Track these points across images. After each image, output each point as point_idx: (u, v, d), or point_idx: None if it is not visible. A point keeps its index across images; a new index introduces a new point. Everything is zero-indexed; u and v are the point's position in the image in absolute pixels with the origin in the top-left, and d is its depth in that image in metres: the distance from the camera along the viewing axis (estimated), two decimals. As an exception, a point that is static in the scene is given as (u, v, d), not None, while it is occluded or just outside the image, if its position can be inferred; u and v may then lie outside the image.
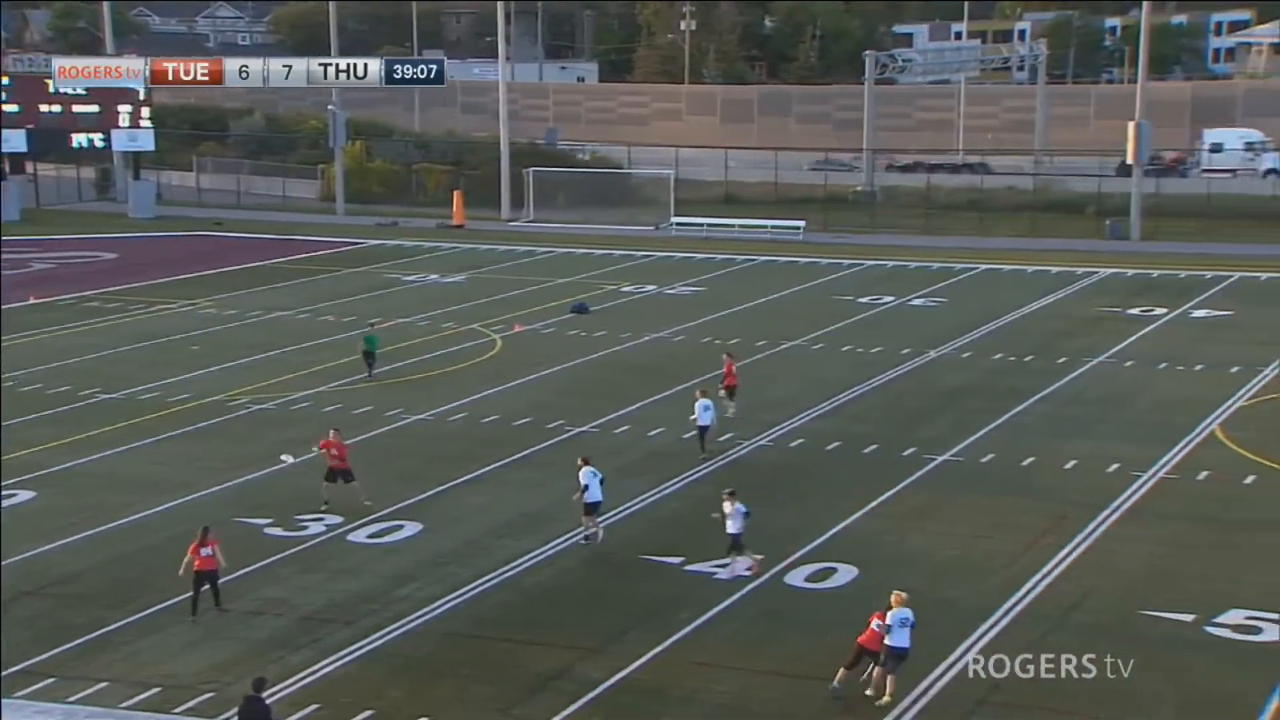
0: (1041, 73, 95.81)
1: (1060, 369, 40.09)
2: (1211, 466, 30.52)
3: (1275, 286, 52.63)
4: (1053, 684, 20.58)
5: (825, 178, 76.13)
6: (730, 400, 35.00)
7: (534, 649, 22.19)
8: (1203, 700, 19.84)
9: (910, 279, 56.40)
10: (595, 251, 65.56)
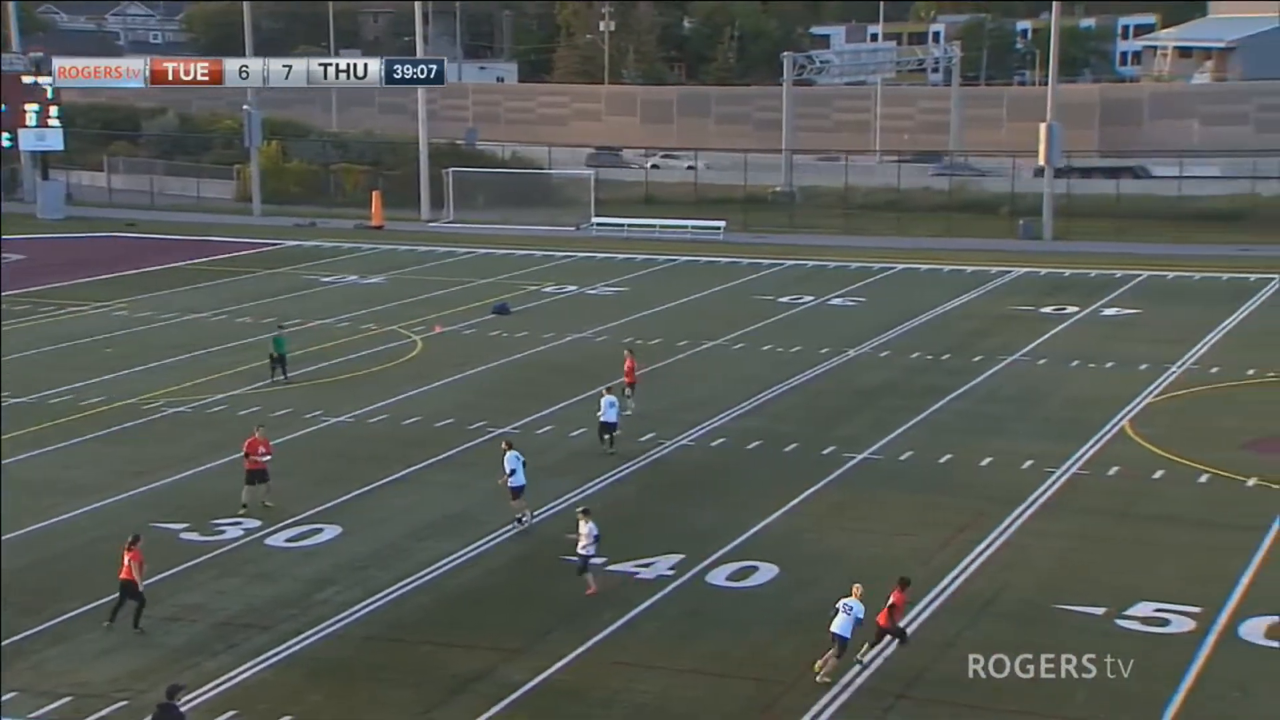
0: (956, 75, 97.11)
1: (976, 367, 40.67)
2: (1121, 462, 31.14)
3: (1182, 285, 53.82)
4: (973, 679, 20.89)
5: (745, 178, 76.55)
6: (629, 397, 35.53)
7: (455, 651, 22.09)
8: (1114, 691, 20.23)
9: (829, 279, 56.92)
10: (516, 252, 65.38)
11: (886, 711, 19.99)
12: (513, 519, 27.54)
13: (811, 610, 23.47)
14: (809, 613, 23.38)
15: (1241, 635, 22.03)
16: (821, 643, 22.08)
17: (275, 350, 40.16)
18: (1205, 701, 19.91)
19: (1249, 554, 25.34)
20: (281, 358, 40.01)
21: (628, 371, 35.97)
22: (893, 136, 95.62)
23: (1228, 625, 22.32)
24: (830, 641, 20.66)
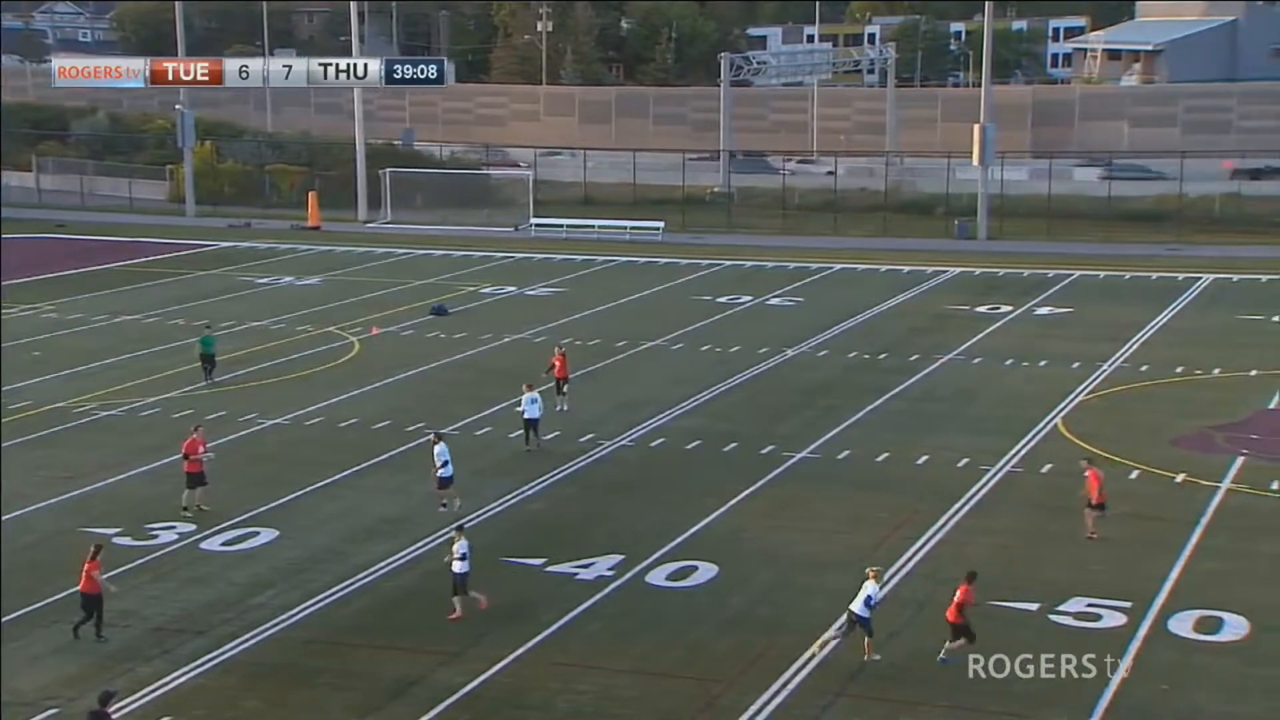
0: (891, 76, 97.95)
1: (912, 366, 41.03)
2: (1054, 460, 31.54)
3: (1112, 285, 54.60)
4: (907, 675, 21.09)
5: (683, 179, 76.68)
6: (563, 395, 35.90)
7: (393, 654, 21.97)
8: (1047, 686, 20.48)
9: (768, 279, 57.18)
10: (454, 253, 65.11)
11: (825, 709, 20.12)
12: (439, 505, 28.15)
13: (750, 609, 23.62)
14: (748, 611, 23.52)
15: (1171, 629, 22.38)
16: (758, 639, 22.23)
17: (203, 350, 39.76)
18: (1136, 695, 20.20)
19: (1178, 549, 25.76)
20: (209, 357, 39.62)
21: (557, 369, 36.09)
22: (830, 137, 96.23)
23: (1157, 619, 22.67)
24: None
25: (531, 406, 32.60)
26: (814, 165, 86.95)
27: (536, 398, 32.86)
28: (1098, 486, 26.29)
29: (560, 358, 36.55)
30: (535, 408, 32.64)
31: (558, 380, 36.15)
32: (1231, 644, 21.83)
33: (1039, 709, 19.92)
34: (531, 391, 32.89)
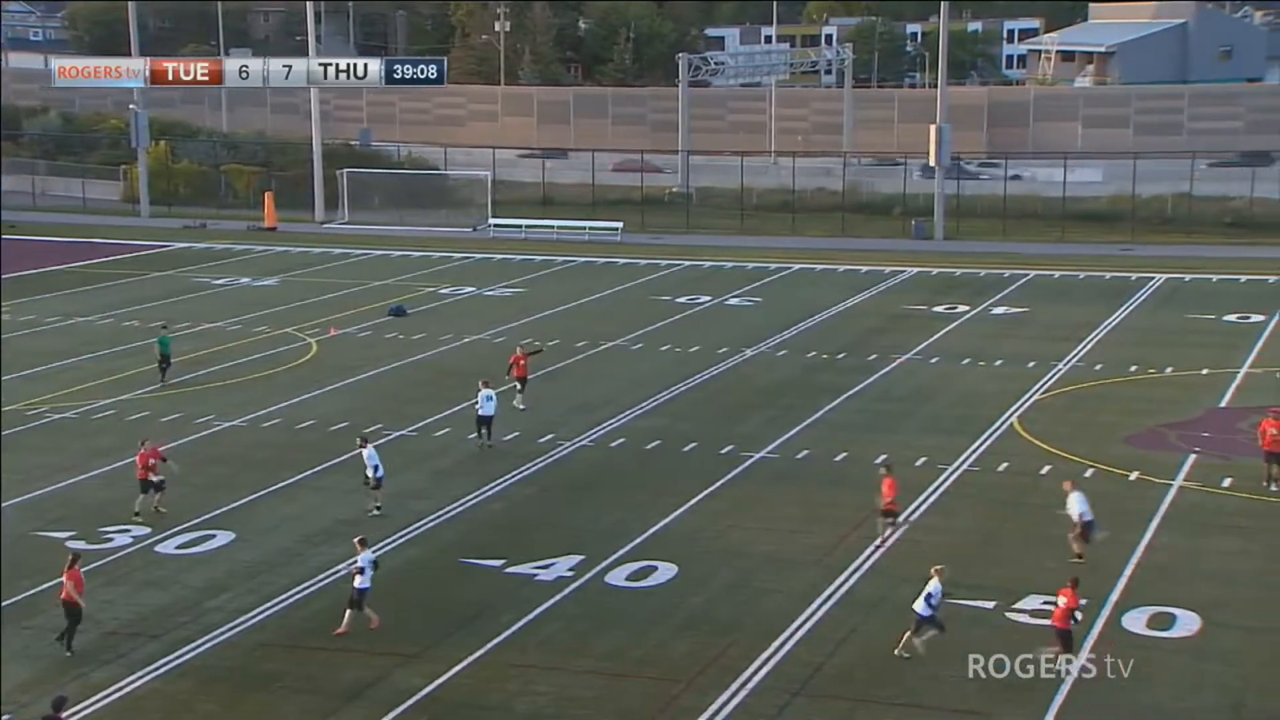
0: (848, 77, 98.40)
1: (870, 366, 41.23)
2: (1010, 458, 31.79)
3: (1067, 284, 55.07)
4: (864, 673, 21.18)
5: (642, 179, 76.70)
6: (519, 393, 36.06)
7: (350, 657, 21.85)
8: (1003, 684, 20.63)
9: (726, 279, 57.30)
10: (413, 253, 64.86)
11: (783, 709, 20.19)
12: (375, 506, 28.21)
13: (709, 609, 23.67)
14: (707, 611, 23.57)
15: (1125, 626, 22.60)
16: (717, 639, 22.29)
17: (161, 350, 39.45)
18: (1091, 692, 20.38)
19: (1132, 547, 26.00)
20: (166, 358, 39.32)
21: (518, 367, 36.22)
22: (787, 138, 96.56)
23: (1112, 616, 22.87)
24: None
25: (487, 404, 32.67)
26: (992, 169, 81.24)
27: (492, 395, 32.95)
28: (892, 496, 25.95)
29: (522, 356, 36.65)
30: (490, 405, 32.71)
31: (518, 379, 36.15)
32: (1184, 640, 22.07)
33: (996, 705, 20.07)
34: (487, 389, 32.95)
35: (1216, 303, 49.81)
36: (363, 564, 22.52)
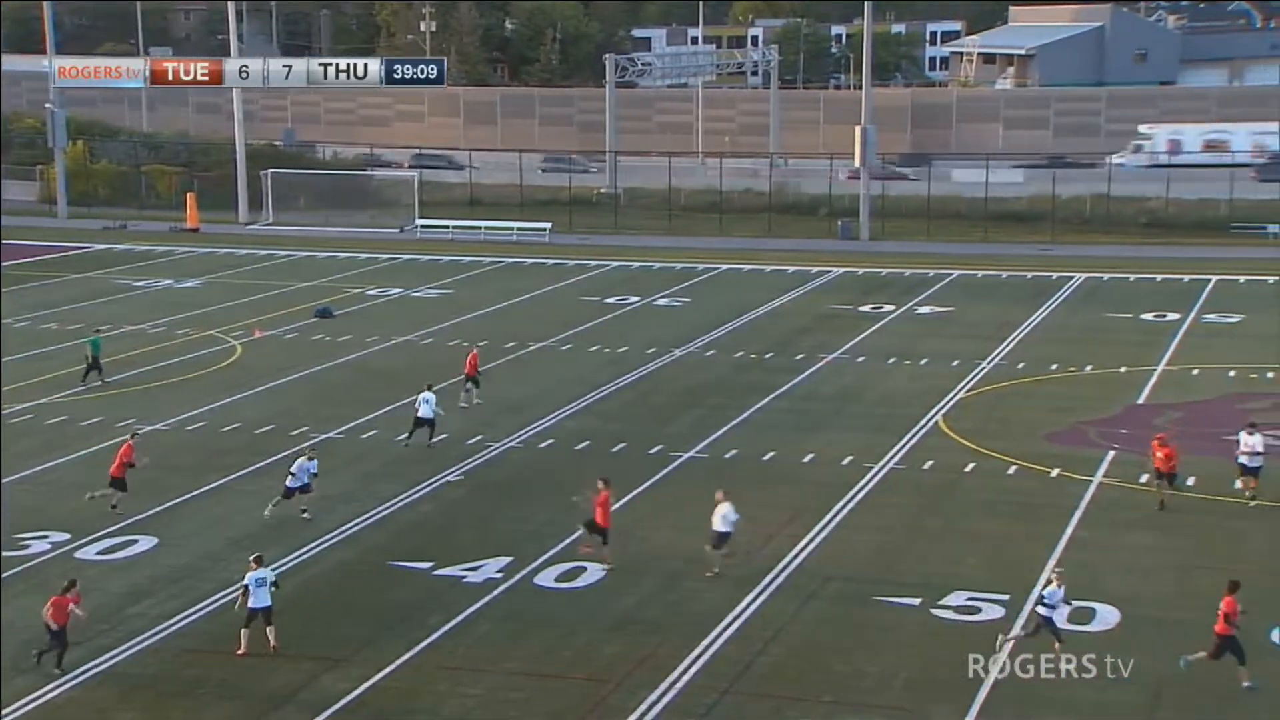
0: (774, 78, 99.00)
1: (798, 365, 41.54)
2: (935, 456, 32.18)
3: (990, 284, 55.83)
4: (792, 671, 21.35)
5: (569, 179, 76.67)
6: (470, 391, 36.35)
7: (278, 662, 21.65)
8: (929, 679, 20.91)
9: (655, 279, 57.43)
10: (339, 254, 64.32)
11: (712, 707, 20.30)
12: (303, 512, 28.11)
13: (639, 609, 23.73)
14: (636, 612, 23.63)
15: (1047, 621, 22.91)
16: (646, 639, 22.34)
17: (91, 352, 38.89)
18: (1014, 686, 20.68)
19: (1054, 542, 26.44)
20: (96, 360, 38.75)
21: (469, 365, 36.56)
22: (715, 139, 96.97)
23: (1034, 611, 23.18)
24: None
25: (424, 406, 32.72)
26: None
27: (431, 399, 32.93)
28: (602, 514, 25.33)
29: (473, 355, 37.18)
30: (427, 408, 32.71)
31: (466, 376, 36.48)
32: (1104, 633, 22.47)
33: (922, 702, 20.32)
34: (429, 392, 33.04)
35: (1134, 302, 50.74)
36: (248, 583, 21.76)
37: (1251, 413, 32.11)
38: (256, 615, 21.79)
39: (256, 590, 21.74)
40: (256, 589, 21.75)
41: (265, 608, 21.81)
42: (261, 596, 21.80)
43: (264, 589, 21.82)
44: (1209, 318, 47.57)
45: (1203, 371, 39.84)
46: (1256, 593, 23.71)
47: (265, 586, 21.84)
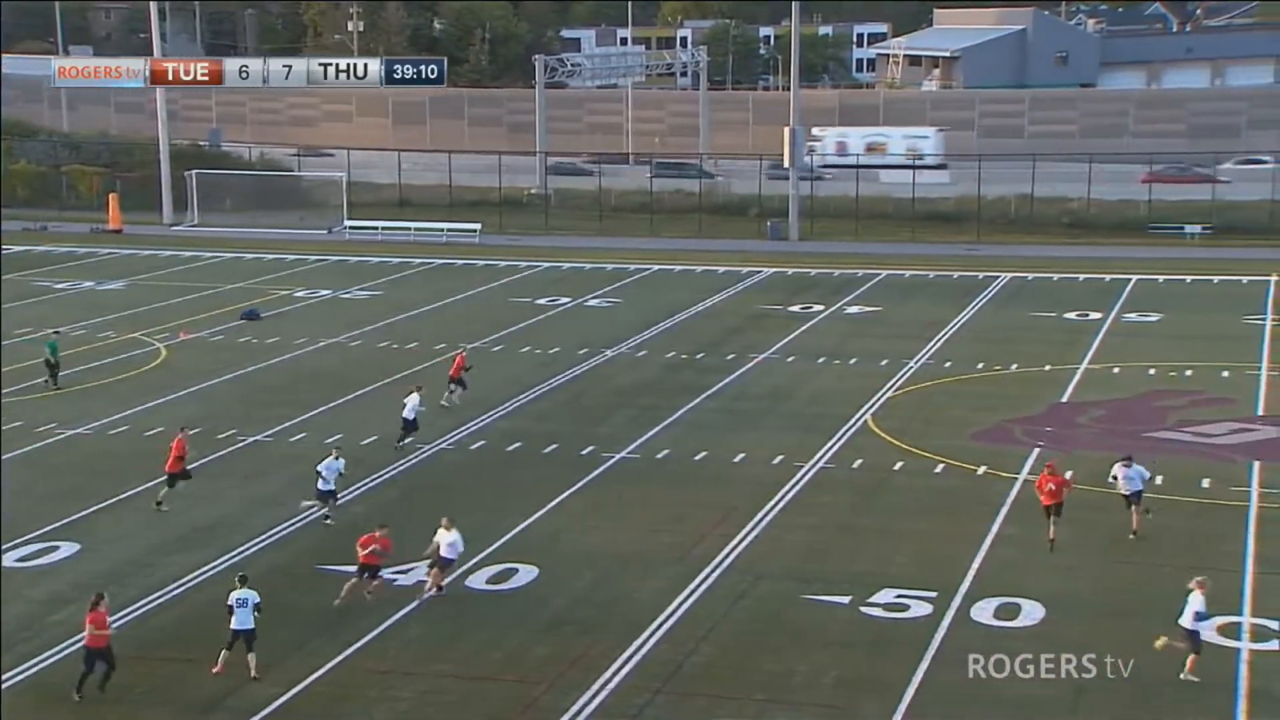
0: (703, 79, 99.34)
1: (729, 365, 41.74)
2: (864, 455, 32.49)
3: (917, 283, 56.44)
4: (723, 670, 21.46)
5: (500, 180, 76.40)
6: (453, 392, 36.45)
7: (204, 667, 21.38)
8: (858, 677, 21.11)
9: (586, 280, 57.44)
10: (266, 256, 63.66)
11: (644, 707, 20.35)
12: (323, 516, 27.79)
13: (571, 610, 23.74)
14: (568, 613, 23.64)
15: (974, 617, 23.26)
16: (578, 639, 22.37)
17: (51, 355, 38.42)
18: (940, 682, 20.96)
19: (980, 540, 26.79)
20: (54, 362, 38.46)
21: (455, 367, 36.81)
22: (645, 140, 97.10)
23: (961, 608, 23.54)
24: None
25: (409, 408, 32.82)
26: (1261, 164, 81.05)
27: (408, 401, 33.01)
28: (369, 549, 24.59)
29: (460, 357, 37.32)
30: (411, 409, 32.80)
31: (451, 378, 36.67)
32: (1029, 629, 22.81)
33: (851, 698, 20.50)
34: (416, 393, 33.16)
35: (1057, 301, 51.52)
36: (231, 602, 21.04)
37: (1167, 412, 32.70)
38: (238, 638, 20.97)
39: (238, 611, 20.89)
40: (238, 610, 20.89)
41: (246, 631, 20.87)
42: (242, 618, 20.87)
43: (245, 610, 20.89)
44: (1129, 317, 48.43)
45: (1124, 370, 40.56)
46: (1180, 588, 24.23)
47: (247, 608, 20.90)
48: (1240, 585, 24.23)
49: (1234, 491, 29.25)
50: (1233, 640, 22.06)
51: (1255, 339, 44.03)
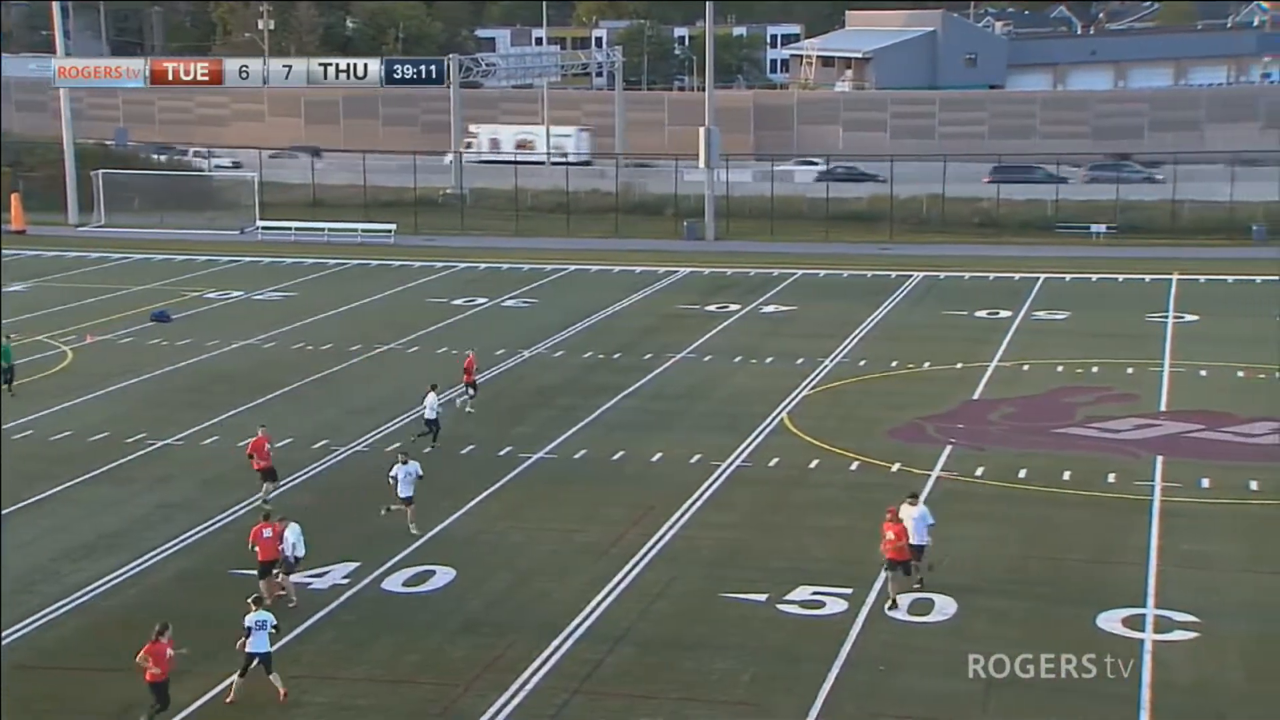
0: (619, 79, 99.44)
1: (646, 365, 41.82)
2: (781, 454, 32.72)
3: (832, 283, 56.96)
4: (641, 669, 21.51)
5: (415, 180, 75.83)
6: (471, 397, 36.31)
7: (115, 675, 21.01)
8: (774, 675, 21.26)
9: (502, 280, 57.23)
10: (176, 257, 62.64)
11: (562, 707, 20.34)
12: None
13: (488, 611, 23.66)
14: (485, 614, 23.55)
15: (888, 613, 23.45)
16: (495, 641, 22.28)
17: (4, 361, 37.54)
18: (856, 677, 21.17)
19: (895, 534, 27.06)
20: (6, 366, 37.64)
21: (468, 371, 36.50)
22: (561, 140, 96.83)
23: (876, 605, 23.75)
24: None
25: (429, 409, 32.71)
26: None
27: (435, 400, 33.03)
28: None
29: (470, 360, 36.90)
30: (431, 411, 32.72)
31: (467, 383, 36.37)
32: (942, 624, 23.12)
33: (766, 696, 20.64)
34: (432, 393, 33.03)
35: (968, 299, 52.26)
36: (249, 624, 20.19)
37: (1074, 408, 33.30)
38: (254, 661, 20.18)
39: (255, 634, 20.13)
40: (256, 632, 20.13)
41: (264, 654, 20.15)
42: (259, 641, 20.11)
43: (263, 633, 20.13)
44: (1038, 315, 49.28)
45: (1033, 367, 41.27)
46: (1087, 581, 24.73)
47: (264, 630, 20.13)
48: (1144, 578, 24.76)
49: (1138, 485, 29.89)
50: (1137, 632, 22.53)
51: (1158, 336, 45.04)
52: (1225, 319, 47.40)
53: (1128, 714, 19.90)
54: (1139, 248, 63.06)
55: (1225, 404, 36.42)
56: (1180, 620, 22.89)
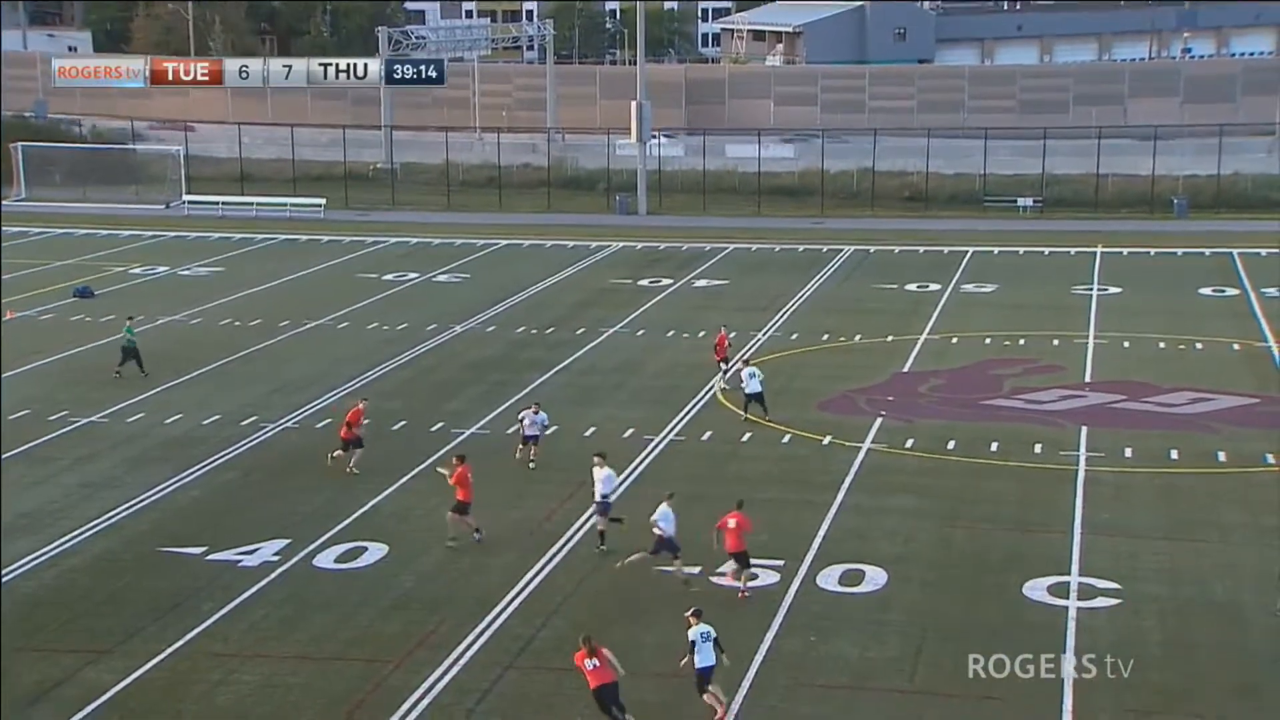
0: (550, 53, 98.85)
1: (579, 340, 41.74)
2: (714, 427, 32.81)
3: (764, 257, 57.14)
4: (572, 644, 21.50)
5: (345, 154, 74.94)
6: (724, 375, 36.13)
7: (34, 656, 20.70)
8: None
9: (433, 255, 56.82)
10: (99, 232, 61.54)
11: (495, 681, 20.30)
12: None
13: (420, 588, 23.54)
14: (417, 590, 23.44)
15: (819, 584, 23.71)
16: (427, 617, 22.18)
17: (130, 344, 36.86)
18: (788, 647, 21.32)
19: (826, 508, 27.28)
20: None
21: (719, 349, 36.53)
22: (492, 114, 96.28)
23: (807, 576, 23.96)
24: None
25: (751, 380, 32.67)
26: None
27: (755, 371, 32.95)
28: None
29: (721, 338, 36.83)
30: (754, 382, 32.63)
31: (719, 360, 36.32)
32: (872, 594, 23.34)
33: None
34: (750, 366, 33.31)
35: (899, 273, 52.65)
36: (692, 638, 19.06)
37: (1002, 380, 33.45)
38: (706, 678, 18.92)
39: (701, 648, 18.87)
40: (701, 645, 18.80)
41: (707, 668, 18.85)
42: (706, 655, 18.94)
43: (708, 645, 18.93)
44: (967, 288, 49.74)
45: (962, 339, 41.67)
46: (1013, 550, 25.07)
47: (709, 642, 18.95)
48: (1069, 545, 25.14)
49: (1063, 456, 30.31)
50: (1062, 599, 22.87)
51: (1083, 309, 45.66)
52: (1147, 292, 48.13)
53: (1050, 684, 20.16)
54: (1064, 221, 63.84)
55: (1147, 374, 37.02)
56: (1103, 587, 23.26)
